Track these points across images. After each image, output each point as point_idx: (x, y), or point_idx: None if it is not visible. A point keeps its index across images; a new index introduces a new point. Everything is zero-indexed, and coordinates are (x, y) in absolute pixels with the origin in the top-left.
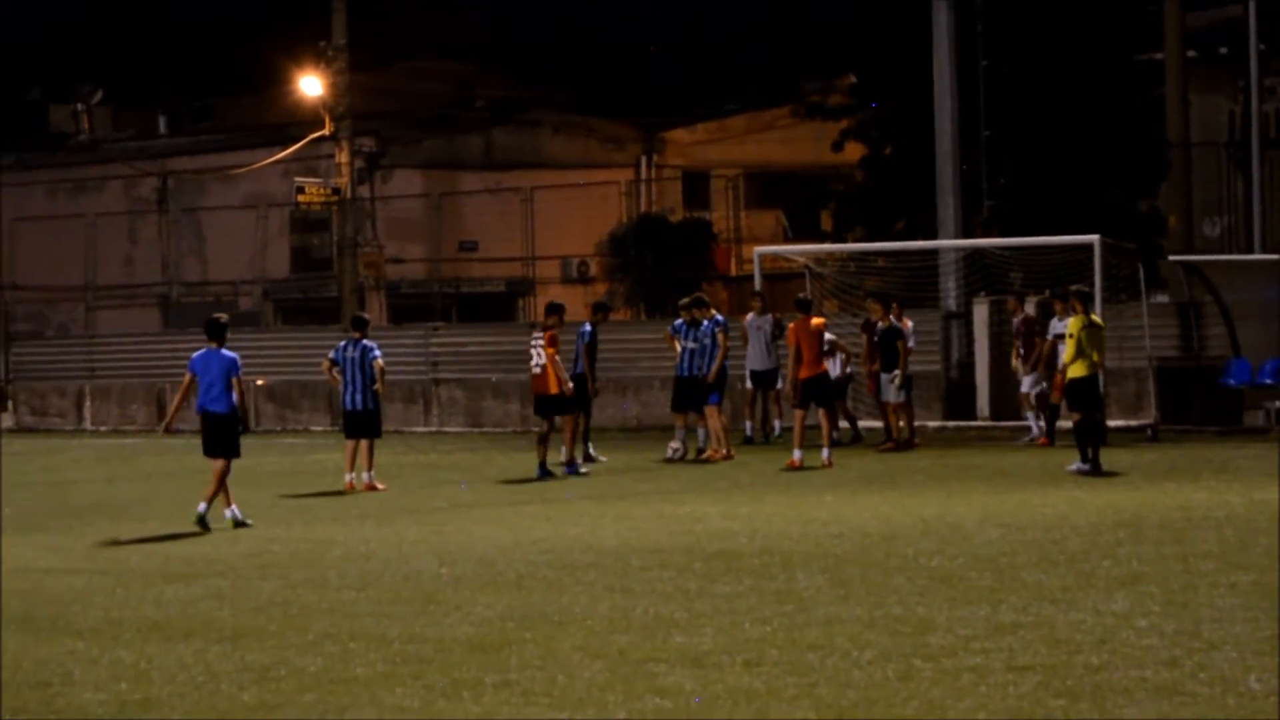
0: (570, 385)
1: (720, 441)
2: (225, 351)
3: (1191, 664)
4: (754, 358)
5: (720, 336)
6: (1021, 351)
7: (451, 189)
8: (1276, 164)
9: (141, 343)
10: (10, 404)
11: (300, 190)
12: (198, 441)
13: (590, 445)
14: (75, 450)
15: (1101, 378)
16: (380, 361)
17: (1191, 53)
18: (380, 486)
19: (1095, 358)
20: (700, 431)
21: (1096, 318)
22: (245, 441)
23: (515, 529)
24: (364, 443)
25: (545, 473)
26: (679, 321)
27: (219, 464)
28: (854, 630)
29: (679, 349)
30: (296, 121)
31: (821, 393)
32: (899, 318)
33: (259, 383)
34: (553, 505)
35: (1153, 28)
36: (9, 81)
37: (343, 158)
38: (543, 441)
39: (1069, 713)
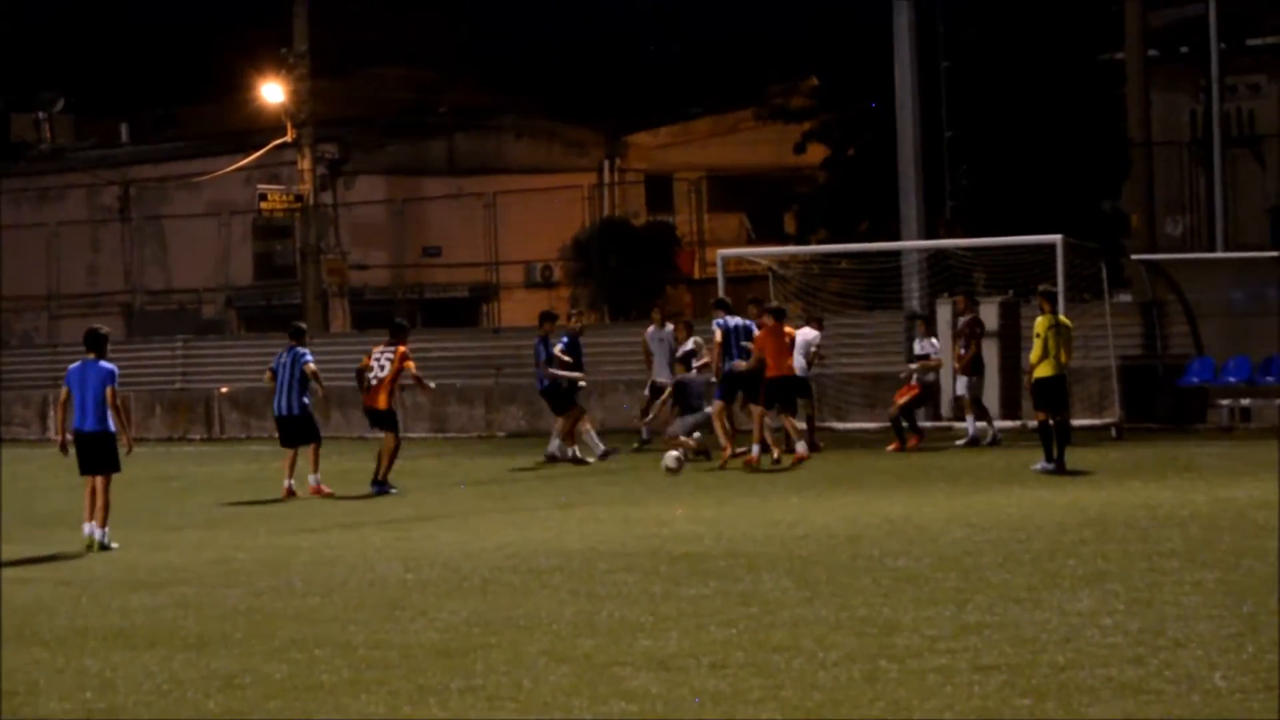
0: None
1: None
2: (103, 363)
3: (1157, 662)
4: (658, 370)
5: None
6: (962, 352)
7: (415, 195)
8: (1238, 163)
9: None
10: None
11: (263, 197)
12: (161, 449)
13: (575, 448)
14: (39, 459)
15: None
16: (311, 365)
17: (1153, 52)
18: (327, 490)
19: (1063, 358)
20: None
21: (1064, 318)
22: (213, 450)
23: (480, 534)
24: (308, 448)
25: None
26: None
27: (99, 480)
28: (820, 632)
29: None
30: (259, 128)
31: (786, 394)
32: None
33: (221, 390)
34: (518, 511)
35: (1114, 27)
36: None
37: (305, 164)
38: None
39: (1035, 712)
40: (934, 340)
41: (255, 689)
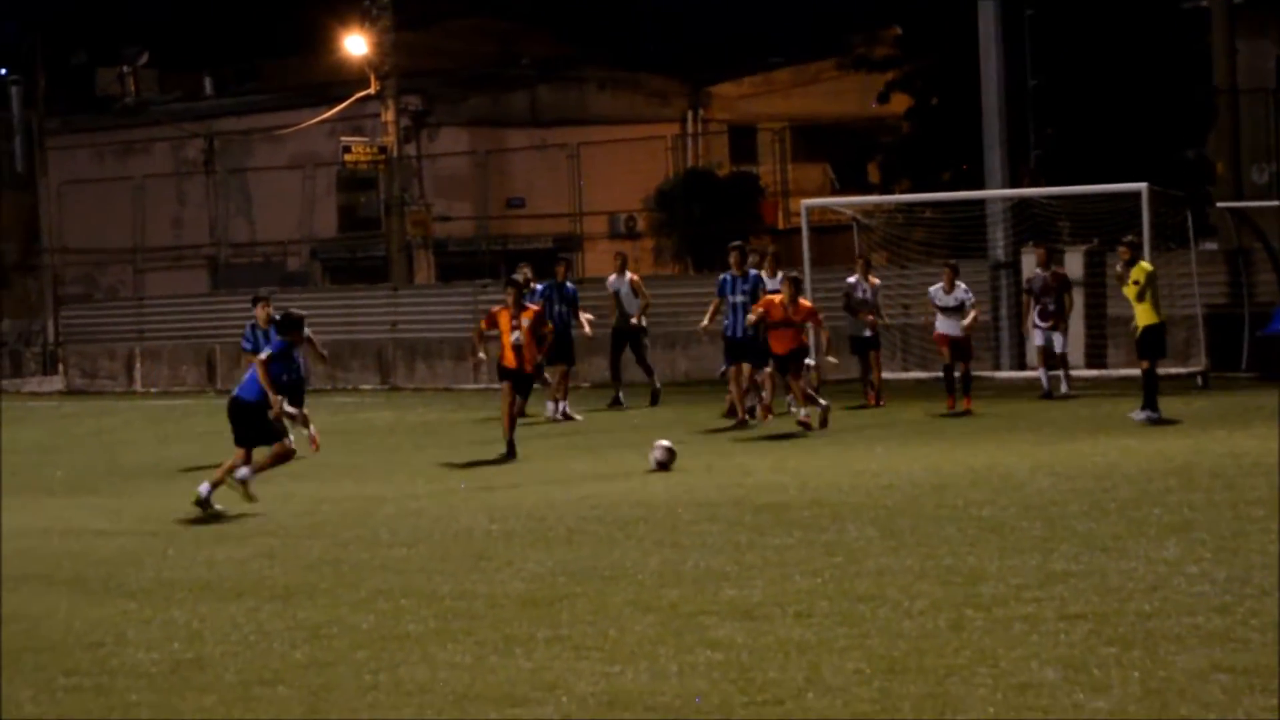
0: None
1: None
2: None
3: (1243, 610)
4: (621, 317)
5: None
6: (1052, 309)
7: (498, 146)
8: None
9: (190, 304)
10: (61, 366)
11: (347, 150)
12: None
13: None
14: (126, 412)
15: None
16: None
17: None
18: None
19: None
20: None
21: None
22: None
23: (565, 485)
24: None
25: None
26: (724, 276)
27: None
28: (905, 581)
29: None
30: (342, 81)
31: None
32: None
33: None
34: (601, 460)
35: None
36: (55, 46)
37: (389, 116)
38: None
39: (1121, 660)
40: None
41: (342, 639)
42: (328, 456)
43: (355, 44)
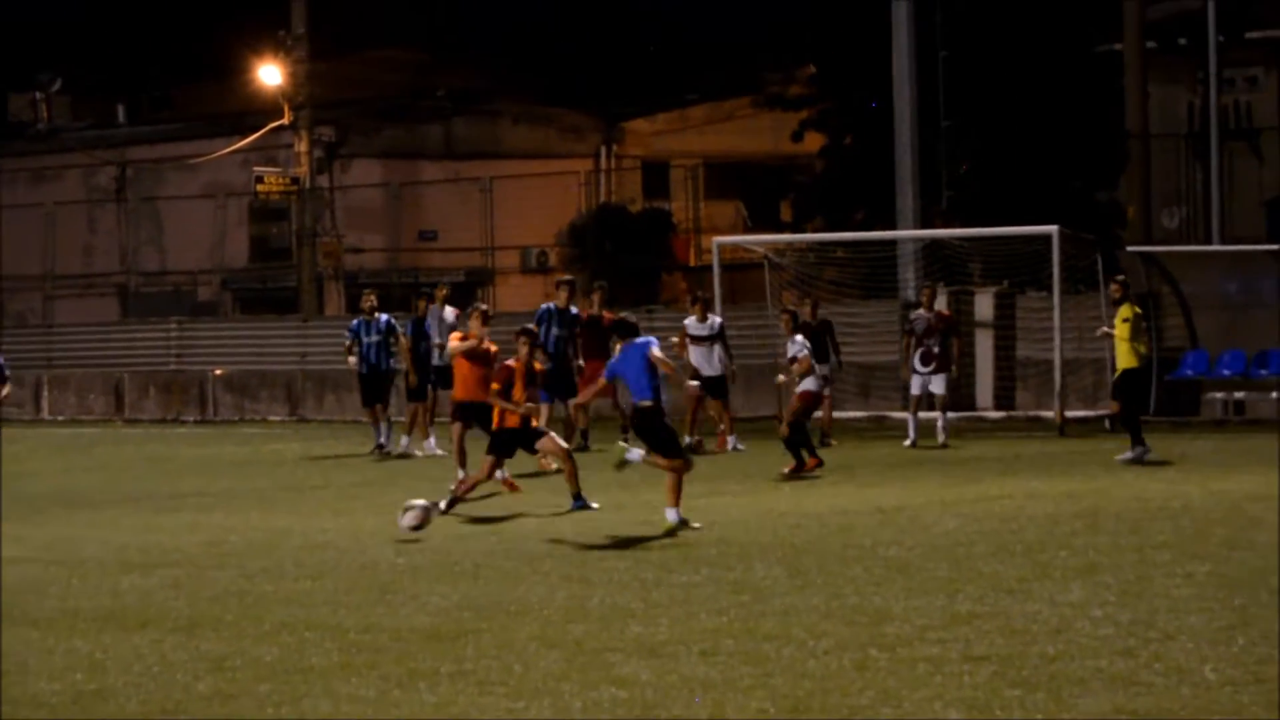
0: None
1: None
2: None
3: (1147, 654)
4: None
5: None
6: (936, 350)
7: (411, 178)
8: (1235, 155)
9: (100, 332)
10: None
11: (259, 180)
12: (154, 430)
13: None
14: (32, 440)
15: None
16: None
17: (1151, 44)
18: None
19: (1142, 349)
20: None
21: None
22: (206, 431)
23: (473, 519)
24: None
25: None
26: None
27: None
28: (810, 620)
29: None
30: (256, 110)
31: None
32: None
33: (215, 372)
34: (509, 497)
35: (1113, 18)
36: None
37: (302, 147)
38: None
39: (1025, 703)
40: (798, 338)
41: (245, 671)
42: (234, 485)
43: (270, 74)
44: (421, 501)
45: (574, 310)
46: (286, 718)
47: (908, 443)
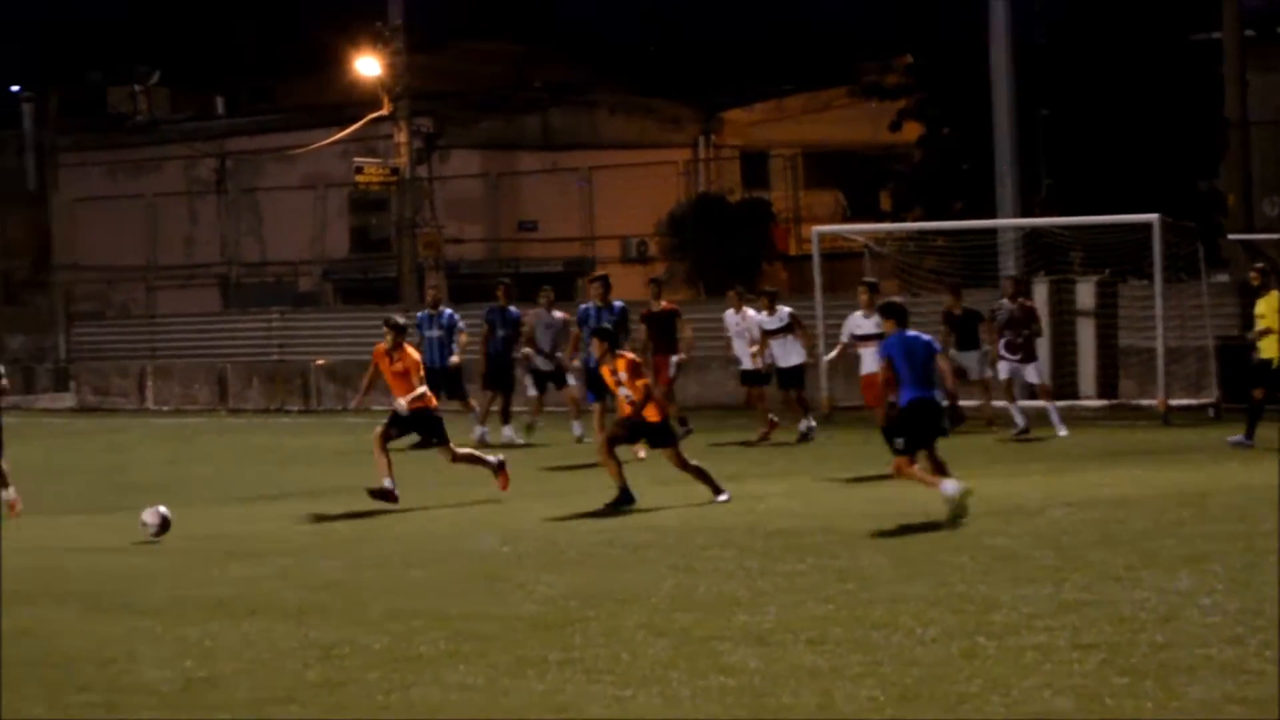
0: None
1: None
2: (923, 335)
3: (1256, 642)
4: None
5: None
6: (1020, 341)
7: (509, 169)
8: None
9: (202, 323)
10: (73, 383)
11: (359, 170)
12: (258, 420)
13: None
14: (138, 430)
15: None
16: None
17: (1249, 32)
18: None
19: None
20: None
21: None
22: (309, 421)
23: (576, 509)
24: None
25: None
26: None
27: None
28: (918, 608)
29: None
30: (354, 102)
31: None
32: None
33: (317, 363)
34: (614, 487)
35: (1210, 7)
36: (68, 64)
37: (401, 138)
38: None
39: (1134, 690)
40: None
41: (354, 659)
42: (340, 478)
43: (368, 65)
44: (163, 508)
45: (617, 304)
46: (395, 705)
47: (1015, 431)
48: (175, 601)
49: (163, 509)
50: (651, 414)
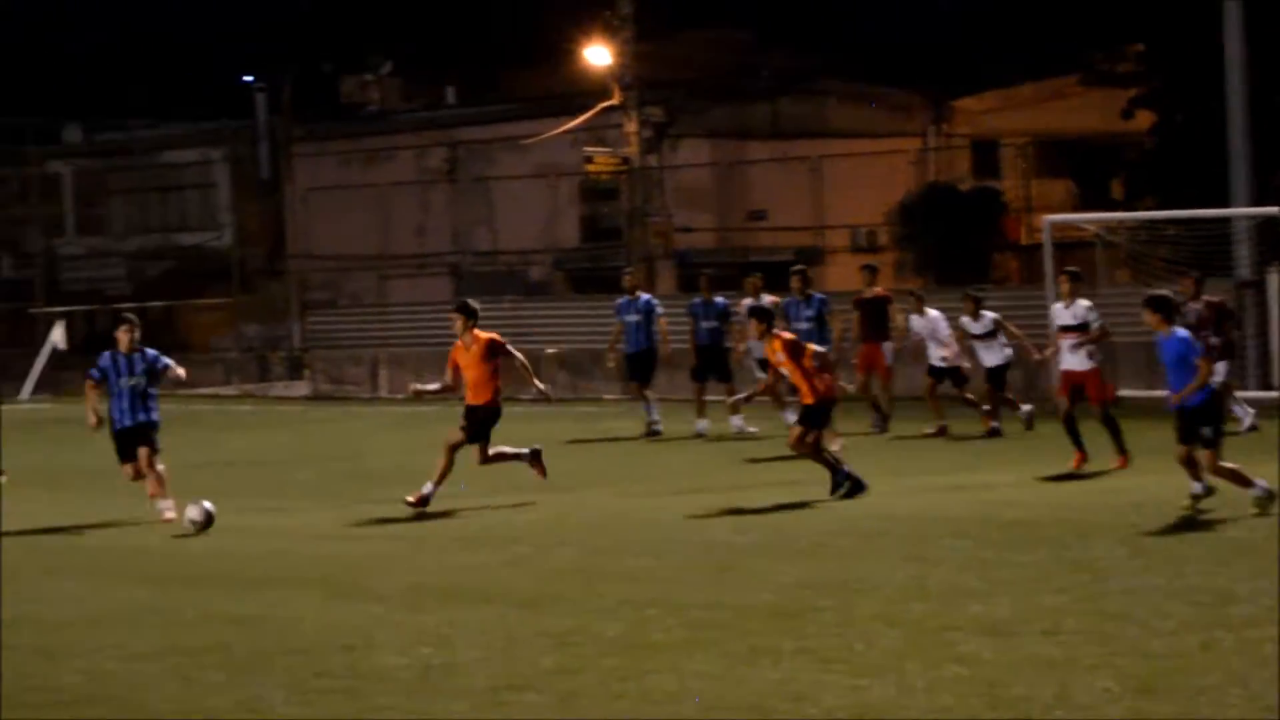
0: None
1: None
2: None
3: None
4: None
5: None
6: (1214, 341)
7: (739, 158)
8: None
9: (433, 311)
10: (306, 372)
11: (589, 160)
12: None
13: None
14: (371, 418)
15: None
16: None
17: None
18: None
19: None
20: None
21: None
22: (542, 410)
23: (809, 498)
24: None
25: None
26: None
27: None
28: (1154, 600)
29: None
30: (583, 91)
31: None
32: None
33: (549, 352)
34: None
35: None
36: (302, 55)
37: (631, 127)
38: None
39: None
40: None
41: (589, 647)
42: (573, 467)
43: (598, 55)
44: (208, 504)
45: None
46: (631, 693)
47: (1243, 427)
48: (412, 589)
49: (207, 504)
50: (805, 396)
